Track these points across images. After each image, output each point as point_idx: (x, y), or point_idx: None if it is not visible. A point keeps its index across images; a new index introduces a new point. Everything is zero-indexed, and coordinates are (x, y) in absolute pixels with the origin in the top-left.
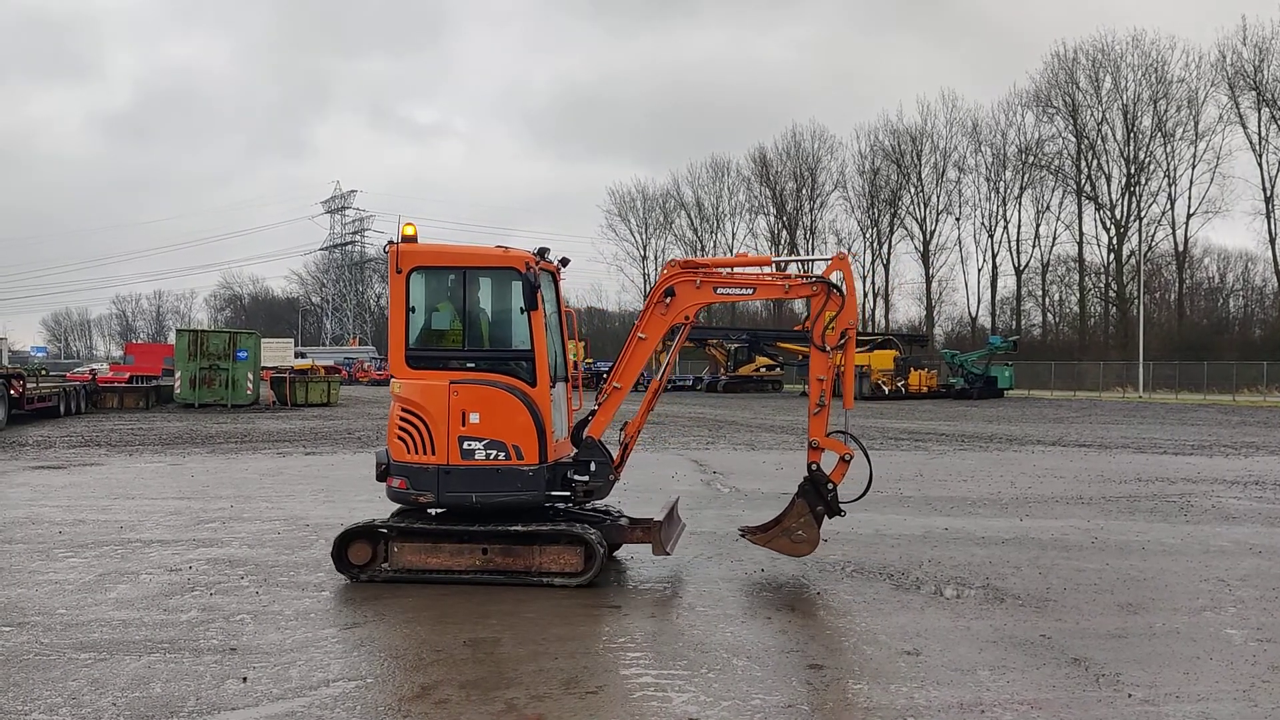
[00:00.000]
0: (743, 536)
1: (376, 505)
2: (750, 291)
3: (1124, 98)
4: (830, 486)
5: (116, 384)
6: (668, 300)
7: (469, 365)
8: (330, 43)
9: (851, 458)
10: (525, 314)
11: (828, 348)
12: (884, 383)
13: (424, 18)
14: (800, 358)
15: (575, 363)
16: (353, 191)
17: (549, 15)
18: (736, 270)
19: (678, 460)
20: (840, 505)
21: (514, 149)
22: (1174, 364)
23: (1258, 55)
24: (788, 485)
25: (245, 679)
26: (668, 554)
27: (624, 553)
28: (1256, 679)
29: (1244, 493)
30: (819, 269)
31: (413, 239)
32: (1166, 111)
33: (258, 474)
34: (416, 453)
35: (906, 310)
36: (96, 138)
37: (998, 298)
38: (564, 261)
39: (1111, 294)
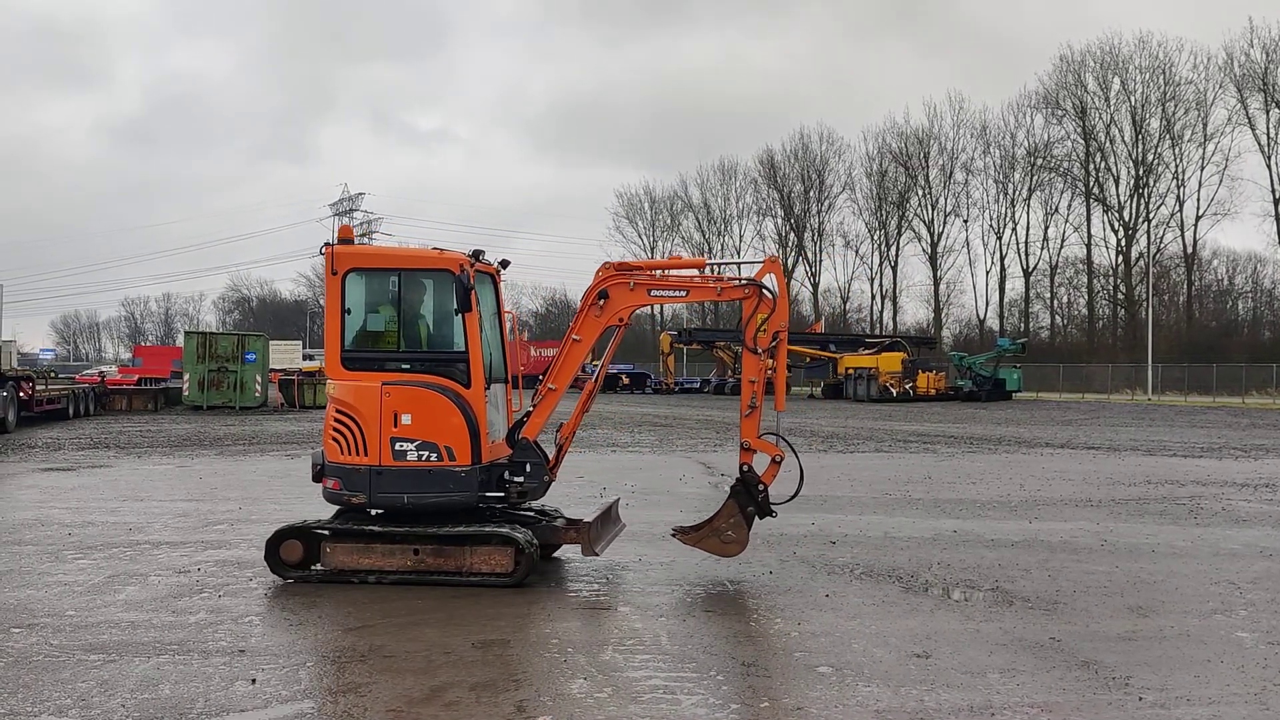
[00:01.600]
0: (674, 536)
1: None
2: (683, 294)
3: (1132, 100)
4: (761, 488)
5: (125, 386)
6: (601, 303)
7: (403, 367)
8: (333, 50)
9: (783, 459)
10: (459, 316)
11: (759, 350)
12: (892, 385)
13: (425, 26)
14: (808, 360)
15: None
16: (360, 194)
17: (547, 25)
18: (670, 273)
19: (685, 463)
20: (772, 506)
21: (515, 154)
22: (1183, 366)
23: (1266, 57)
24: (793, 488)
25: (254, 680)
26: (596, 554)
27: (631, 556)
28: (1268, 682)
29: (1254, 495)
30: (754, 272)
31: (349, 240)
32: (1175, 113)
33: (266, 476)
34: (349, 454)
35: (914, 312)
36: (104, 144)
37: (1006, 300)
38: (504, 263)
39: (1120, 296)
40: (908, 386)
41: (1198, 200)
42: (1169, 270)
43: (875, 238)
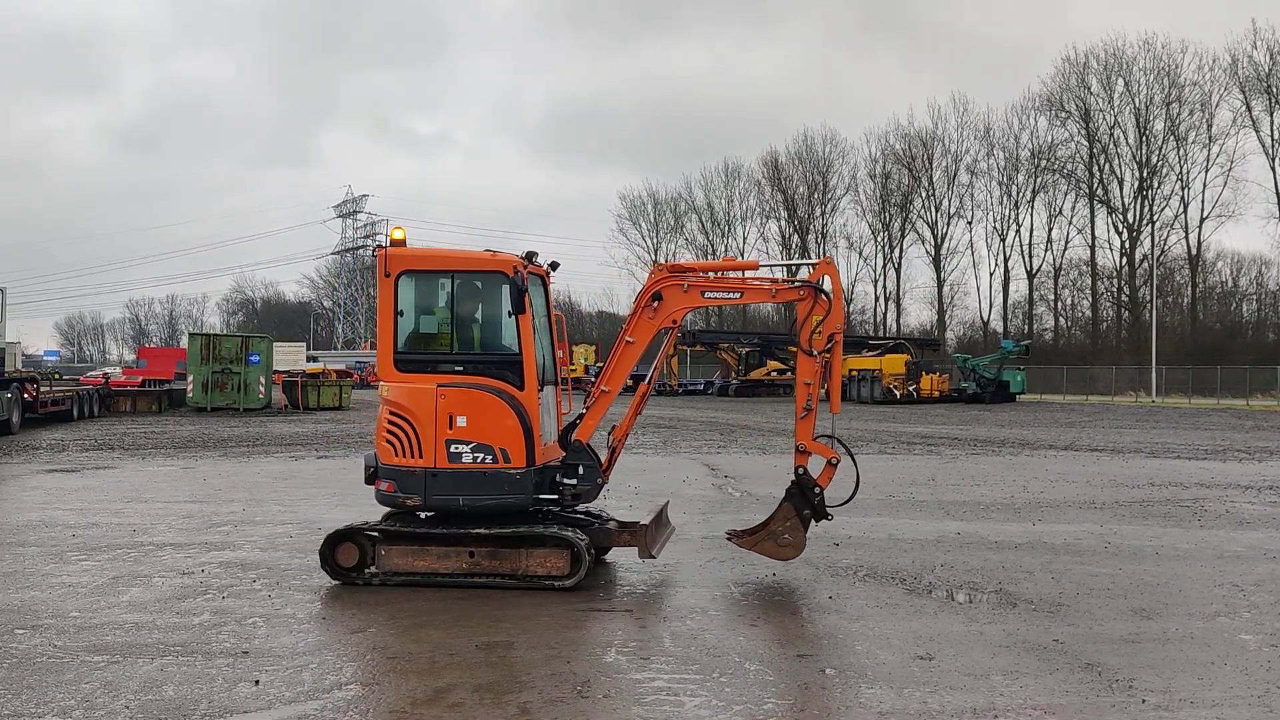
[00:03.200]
0: (729, 540)
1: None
2: (737, 295)
3: (1136, 101)
4: (817, 491)
5: (129, 388)
6: (655, 304)
7: (457, 369)
8: (333, 57)
9: (838, 462)
10: (513, 317)
11: (814, 352)
12: (896, 387)
13: (422, 34)
14: None
15: (586, 366)
16: (364, 196)
17: (543, 33)
18: (724, 275)
19: (690, 464)
20: (827, 509)
21: (514, 159)
22: (1187, 368)
23: (1270, 59)
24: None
25: (258, 682)
26: (653, 557)
27: (634, 559)
28: (1271, 684)
29: (1258, 498)
30: (805, 274)
31: (401, 243)
32: (1179, 115)
33: (270, 478)
34: (404, 456)
35: (918, 314)
36: (109, 148)
37: (1010, 302)
38: (553, 265)
39: (1124, 298)
40: (911, 388)
41: (1202, 202)
42: (1173, 272)
43: (879, 239)
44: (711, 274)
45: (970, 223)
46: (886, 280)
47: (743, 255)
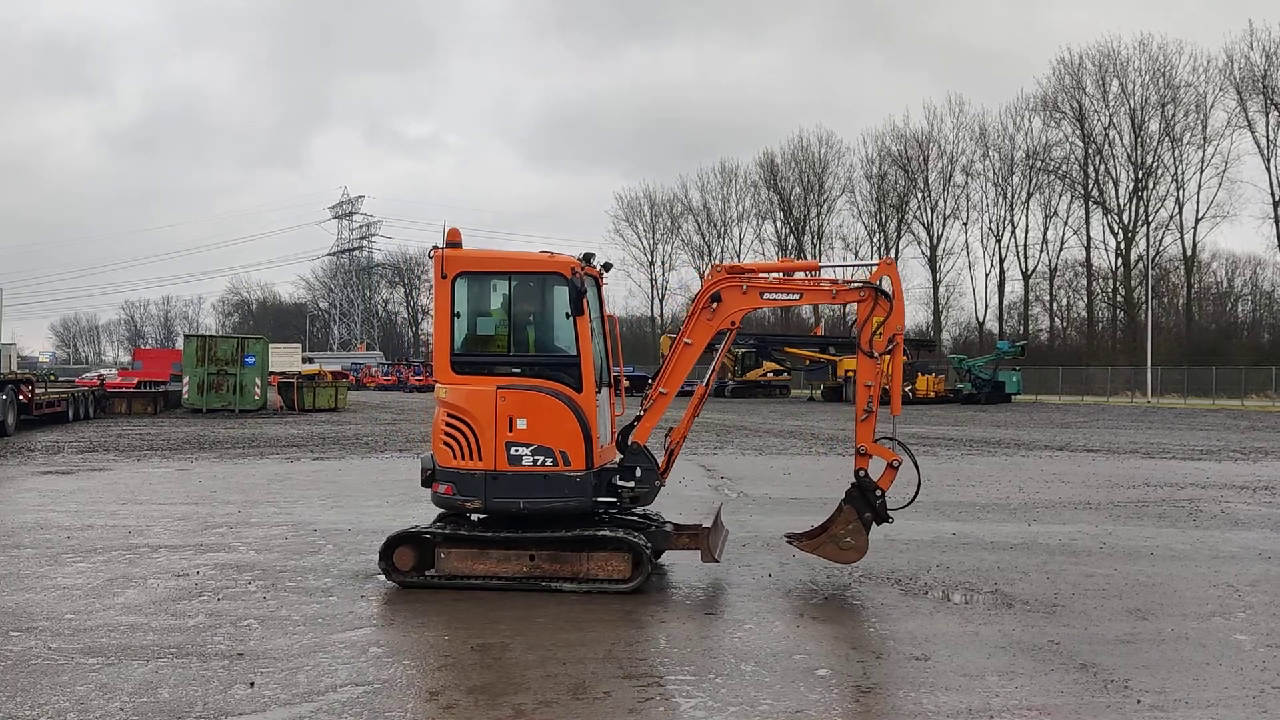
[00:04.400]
0: (789, 543)
1: (386, 511)
2: (797, 297)
3: (1131, 102)
4: (878, 493)
5: (125, 389)
6: (714, 306)
7: (515, 371)
8: (326, 62)
9: (900, 464)
10: (571, 319)
11: (875, 354)
12: None
13: (416, 38)
14: (807, 363)
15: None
16: (360, 197)
17: (535, 36)
18: (783, 275)
19: (686, 465)
20: (888, 512)
21: (508, 162)
22: (1182, 369)
23: (1266, 59)
24: (796, 490)
25: (253, 684)
26: (716, 560)
27: None
28: (1266, 685)
29: (1253, 498)
30: (862, 274)
31: (458, 244)
32: (1174, 116)
33: (265, 479)
34: (463, 458)
35: (914, 315)
36: (105, 152)
37: (1005, 303)
38: (606, 266)
39: (1119, 299)
40: (907, 389)
41: (1197, 203)
42: (1168, 273)
43: (875, 240)
44: (771, 275)
45: (966, 224)
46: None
47: (739, 257)
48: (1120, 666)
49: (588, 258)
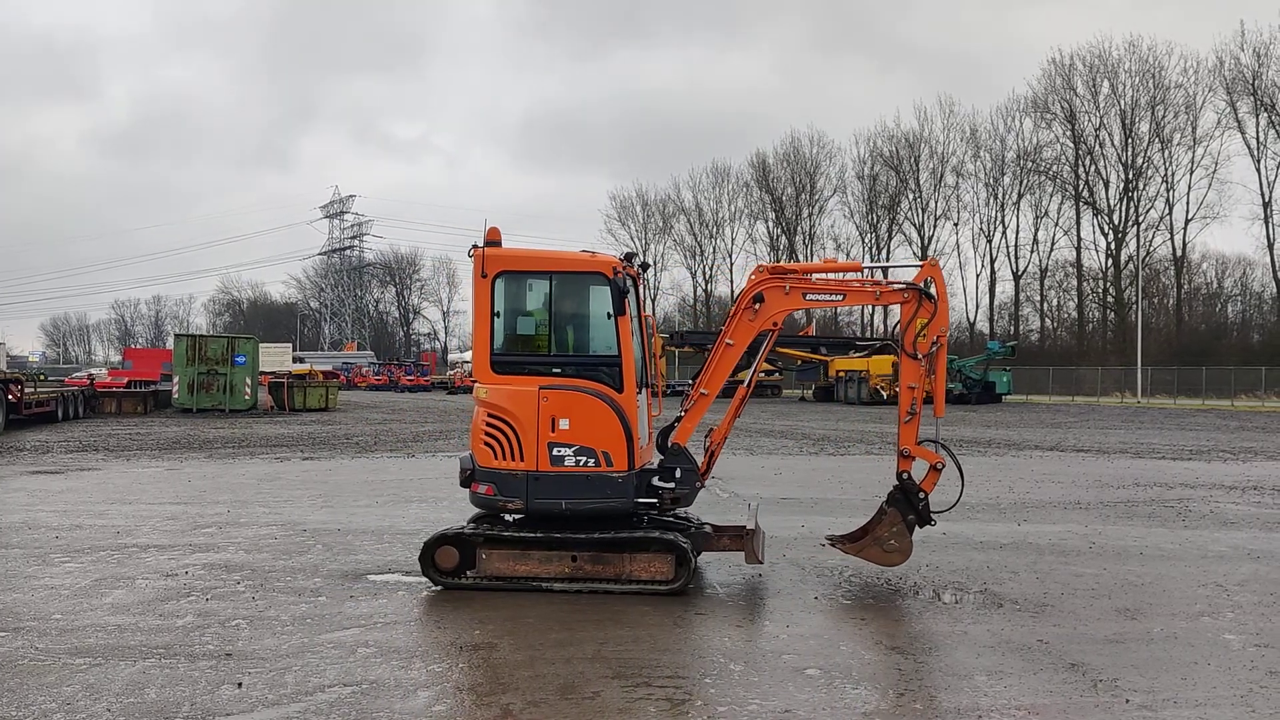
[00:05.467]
0: (831, 545)
1: (376, 511)
2: (840, 298)
3: (1121, 103)
4: (922, 496)
5: (115, 389)
6: (756, 306)
7: (555, 371)
8: (315, 65)
9: (943, 466)
10: (612, 319)
11: (919, 355)
12: (883, 388)
13: (406, 42)
14: (799, 362)
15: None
16: (351, 196)
17: (523, 40)
18: (826, 276)
19: None
20: (932, 515)
21: (495, 164)
22: (1172, 369)
23: (1256, 60)
24: (788, 490)
25: (240, 684)
26: (760, 562)
27: None
28: (1254, 684)
29: (1242, 498)
30: (904, 274)
31: (497, 243)
32: (1164, 117)
33: (255, 479)
34: (504, 459)
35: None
36: (95, 154)
37: (996, 303)
38: (645, 267)
39: (1110, 299)
40: (898, 389)
41: (1187, 204)
42: (1158, 274)
43: (866, 241)
44: (814, 276)
45: (957, 224)
46: None
47: (731, 257)
48: (1109, 666)
49: (629, 257)
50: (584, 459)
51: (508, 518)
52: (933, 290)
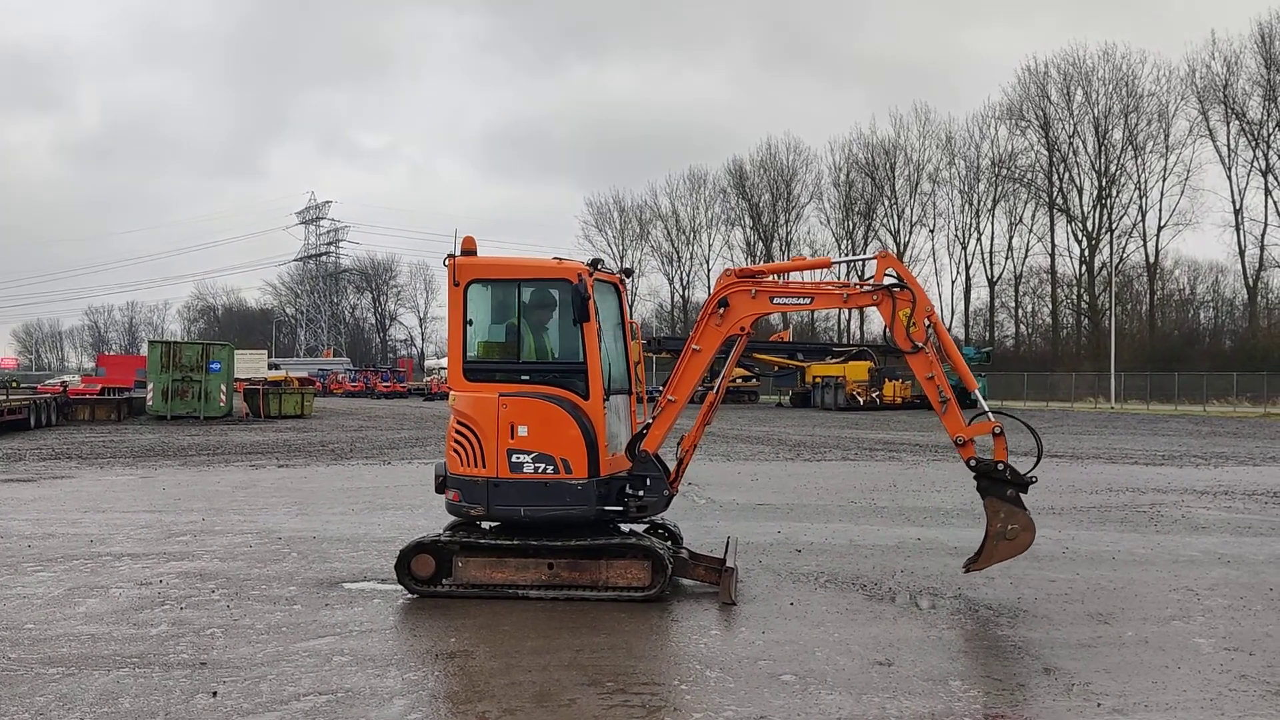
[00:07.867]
0: (969, 571)
1: (350, 519)
2: (808, 301)
3: (1095, 111)
4: (1002, 466)
5: (88, 396)
6: (722, 311)
7: (523, 378)
8: (283, 77)
9: (1002, 429)
10: (578, 326)
11: (919, 345)
12: (859, 394)
13: (369, 56)
14: (776, 369)
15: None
16: (328, 202)
17: (485, 57)
18: (793, 278)
19: None
20: (1022, 476)
21: (462, 175)
22: (1145, 375)
23: (1226, 69)
24: (763, 496)
25: (215, 693)
26: (733, 603)
27: None
28: (1224, 688)
29: (1213, 503)
30: (870, 268)
31: (472, 251)
32: (1137, 125)
33: (230, 486)
34: (469, 465)
35: (881, 322)
36: (66, 165)
37: (971, 309)
38: (627, 272)
39: (1083, 305)
40: (874, 395)
41: (1159, 211)
42: (1131, 280)
43: (842, 247)
44: (780, 278)
45: (933, 231)
46: None
47: (709, 263)
48: (1082, 670)
49: (595, 263)
50: (542, 466)
51: (484, 525)
52: (902, 283)
